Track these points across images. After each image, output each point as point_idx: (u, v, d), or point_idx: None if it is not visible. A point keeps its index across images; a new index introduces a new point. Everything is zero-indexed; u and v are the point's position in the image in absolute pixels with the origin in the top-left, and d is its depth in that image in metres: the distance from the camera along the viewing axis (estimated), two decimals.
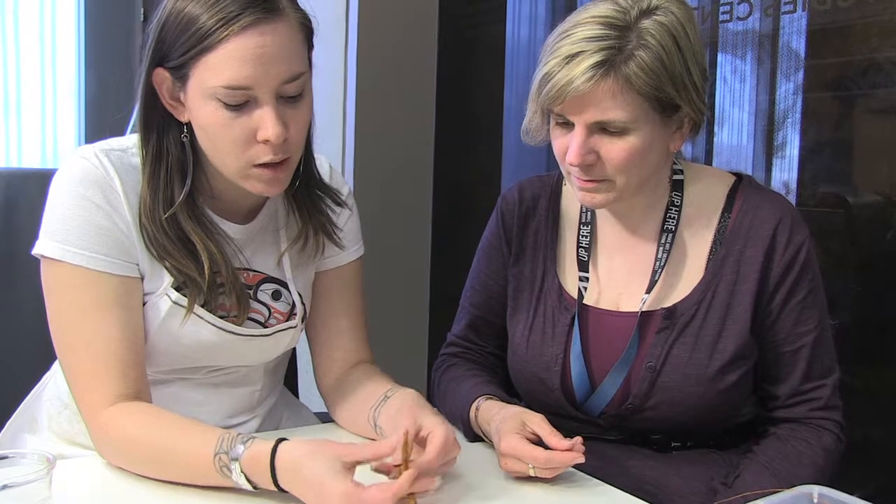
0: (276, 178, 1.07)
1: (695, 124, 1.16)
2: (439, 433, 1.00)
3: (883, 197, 1.68)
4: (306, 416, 1.38)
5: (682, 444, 1.22)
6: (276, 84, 1.02)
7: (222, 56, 1.00)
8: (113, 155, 1.09)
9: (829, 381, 1.18)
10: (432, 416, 1.05)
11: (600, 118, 1.09)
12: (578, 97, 1.08)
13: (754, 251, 1.17)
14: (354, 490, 0.89)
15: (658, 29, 1.08)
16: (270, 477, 0.94)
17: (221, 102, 1.02)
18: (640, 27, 1.08)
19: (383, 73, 2.54)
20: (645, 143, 1.11)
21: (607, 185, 1.14)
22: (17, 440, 1.24)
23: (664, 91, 1.08)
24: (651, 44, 1.07)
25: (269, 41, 1.00)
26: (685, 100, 1.10)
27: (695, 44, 1.11)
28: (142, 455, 1.03)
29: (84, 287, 1.05)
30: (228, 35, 0.99)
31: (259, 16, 1.00)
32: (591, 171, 1.13)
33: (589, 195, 1.16)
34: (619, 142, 1.10)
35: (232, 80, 1.00)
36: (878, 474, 1.67)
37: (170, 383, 1.18)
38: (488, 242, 1.36)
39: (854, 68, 1.70)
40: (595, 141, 1.11)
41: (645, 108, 1.09)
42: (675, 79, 1.09)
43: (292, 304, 1.22)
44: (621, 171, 1.12)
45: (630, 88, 1.07)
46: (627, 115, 1.08)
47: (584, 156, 1.11)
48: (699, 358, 1.16)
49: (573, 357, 1.22)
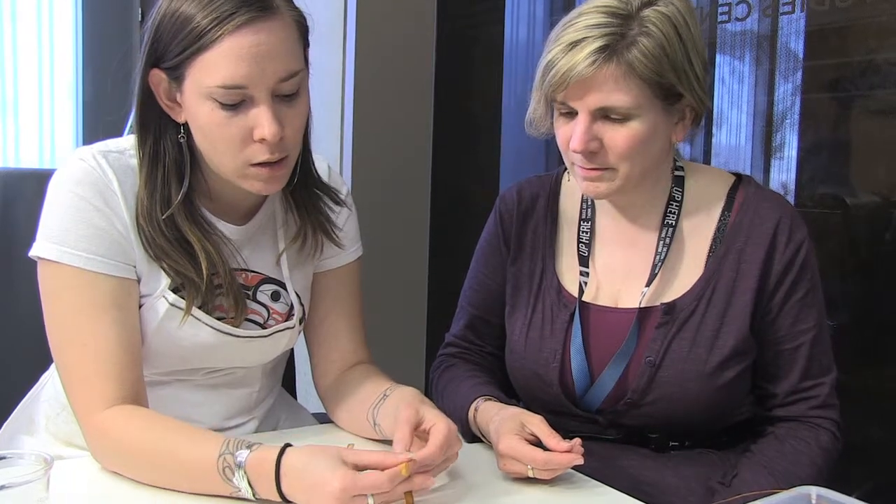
0: (273, 176, 1.07)
1: (696, 116, 1.17)
2: (442, 426, 1.00)
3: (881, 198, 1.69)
4: (304, 417, 1.38)
5: (680, 444, 1.22)
6: (272, 83, 1.02)
7: (217, 55, 1.00)
8: (111, 156, 1.09)
9: (827, 380, 1.19)
10: (433, 410, 1.05)
11: (603, 103, 1.10)
12: (581, 83, 1.09)
13: (755, 249, 1.17)
14: (352, 477, 0.90)
15: (660, 17, 1.10)
16: (274, 481, 0.93)
17: (217, 102, 1.02)
18: (642, 16, 1.10)
19: (381, 73, 2.54)
20: (648, 131, 1.12)
21: (610, 173, 1.15)
22: (14, 441, 1.23)
23: (666, 77, 1.09)
24: (653, 31, 1.08)
25: (263, 39, 1.00)
26: (687, 88, 1.12)
27: (695, 35, 1.13)
28: (138, 459, 1.02)
29: (81, 288, 1.05)
30: (223, 34, 0.99)
31: (253, 14, 1.00)
32: (595, 159, 1.14)
33: (592, 184, 1.16)
34: (622, 129, 1.11)
35: (227, 79, 1.00)
36: (876, 474, 1.67)
37: (167, 385, 1.18)
38: (487, 242, 1.36)
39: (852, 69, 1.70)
40: (598, 128, 1.12)
41: (647, 94, 1.10)
42: (677, 66, 1.10)
43: (290, 304, 1.22)
44: (624, 158, 1.13)
45: (632, 73, 1.08)
46: (630, 101, 1.09)
47: (588, 142, 1.12)
48: (698, 353, 1.16)
49: (574, 351, 1.22)
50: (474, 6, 2.68)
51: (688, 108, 1.16)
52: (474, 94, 2.71)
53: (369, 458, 0.94)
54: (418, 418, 1.02)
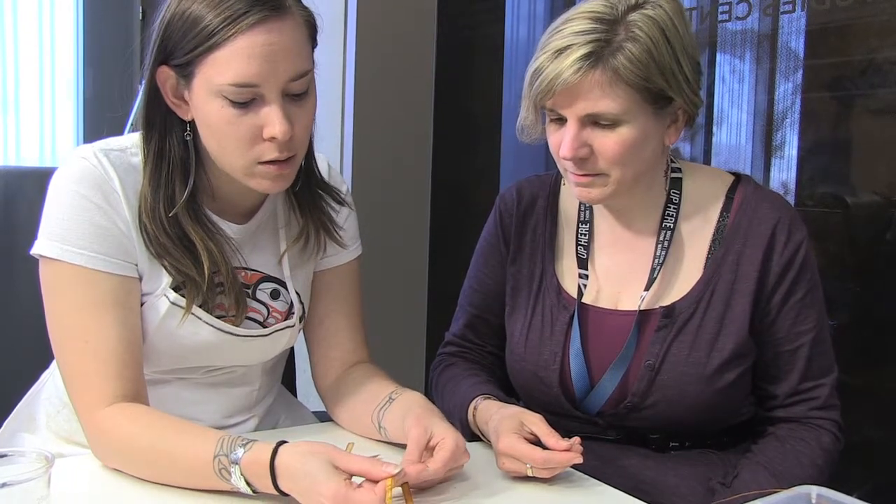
0: (281, 174, 1.07)
1: (689, 117, 1.17)
2: (450, 442, 1.00)
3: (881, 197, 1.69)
4: (304, 416, 1.38)
5: (680, 445, 1.22)
6: (283, 82, 1.02)
7: (230, 53, 1.00)
8: (112, 154, 1.09)
9: (827, 381, 1.19)
10: (442, 423, 1.05)
11: (591, 110, 1.09)
12: (568, 90, 1.09)
13: (753, 250, 1.17)
14: (345, 490, 0.89)
15: (646, 21, 1.09)
16: (270, 479, 0.94)
17: (228, 100, 1.02)
18: (628, 20, 1.09)
19: (382, 73, 2.54)
20: (638, 136, 1.11)
21: (602, 179, 1.14)
22: (15, 439, 1.23)
23: (653, 82, 1.09)
24: (639, 36, 1.08)
25: (276, 39, 1.01)
26: (677, 91, 1.11)
27: (684, 36, 1.12)
28: (138, 457, 1.02)
29: (82, 286, 1.05)
30: (236, 33, 0.99)
31: (267, 13, 1.00)
32: (585, 165, 1.13)
33: (585, 190, 1.16)
34: (611, 134, 1.11)
35: (239, 77, 1.00)
36: (876, 474, 1.67)
37: (168, 383, 1.18)
38: (486, 242, 1.36)
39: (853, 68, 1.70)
40: (588, 134, 1.12)
41: (636, 99, 1.09)
42: (665, 70, 1.09)
43: (290, 303, 1.22)
44: (615, 164, 1.12)
45: (619, 79, 1.08)
46: (618, 107, 1.09)
47: (577, 149, 1.12)
48: (698, 356, 1.16)
49: (572, 355, 1.22)
50: (475, 5, 2.68)
51: (680, 111, 1.15)
52: (475, 93, 2.72)
53: (361, 465, 0.93)
54: (428, 436, 1.02)
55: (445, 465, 0.98)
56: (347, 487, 0.90)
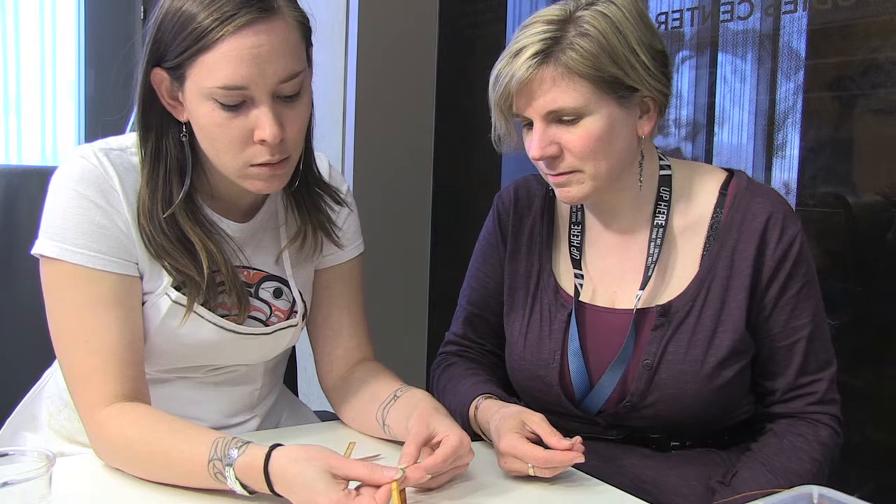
0: (274, 175, 1.07)
1: (661, 107, 1.17)
2: (453, 438, 1.00)
3: (883, 197, 1.68)
4: (306, 415, 1.38)
5: (680, 444, 1.22)
6: (273, 84, 1.02)
7: (218, 56, 0.99)
8: (112, 154, 1.09)
9: (825, 375, 1.18)
10: (446, 421, 1.05)
11: (550, 107, 1.11)
12: (524, 90, 1.12)
13: (747, 245, 1.17)
14: (345, 500, 0.89)
15: (596, 17, 1.11)
16: (266, 484, 0.93)
17: (218, 103, 1.01)
18: (577, 17, 1.11)
19: (383, 73, 2.54)
20: (604, 127, 1.12)
21: (578, 176, 1.15)
22: (16, 438, 1.24)
23: (606, 71, 1.10)
24: (589, 31, 1.10)
25: (264, 40, 1.00)
26: (636, 80, 1.12)
27: (638, 26, 1.12)
28: (137, 457, 1.02)
29: (83, 285, 1.05)
30: (224, 35, 0.98)
31: (254, 15, 0.99)
32: (558, 164, 1.15)
33: (563, 190, 1.17)
34: (575, 129, 1.12)
35: (227, 80, 1.00)
36: (877, 474, 1.67)
37: (170, 382, 1.18)
38: (485, 241, 1.37)
39: (855, 68, 1.70)
40: (554, 132, 1.13)
41: (592, 90, 1.11)
42: (618, 59, 1.10)
43: (293, 301, 1.22)
44: (585, 158, 1.13)
45: (570, 72, 1.10)
46: (575, 101, 1.10)
47: (545, 148, 1.13)
48: (695, 354, 1.16)
49: (571, 354, 1.22)
50: (476, 6, 2.68)
51: (649, 100, 1.15)
52: (476, 93, 2.71)
53: (359, 471, 0.92)
54: (429, 433, 1.02)
55: (444, 460, 0.98)
56: (347, 497, 0.89)
